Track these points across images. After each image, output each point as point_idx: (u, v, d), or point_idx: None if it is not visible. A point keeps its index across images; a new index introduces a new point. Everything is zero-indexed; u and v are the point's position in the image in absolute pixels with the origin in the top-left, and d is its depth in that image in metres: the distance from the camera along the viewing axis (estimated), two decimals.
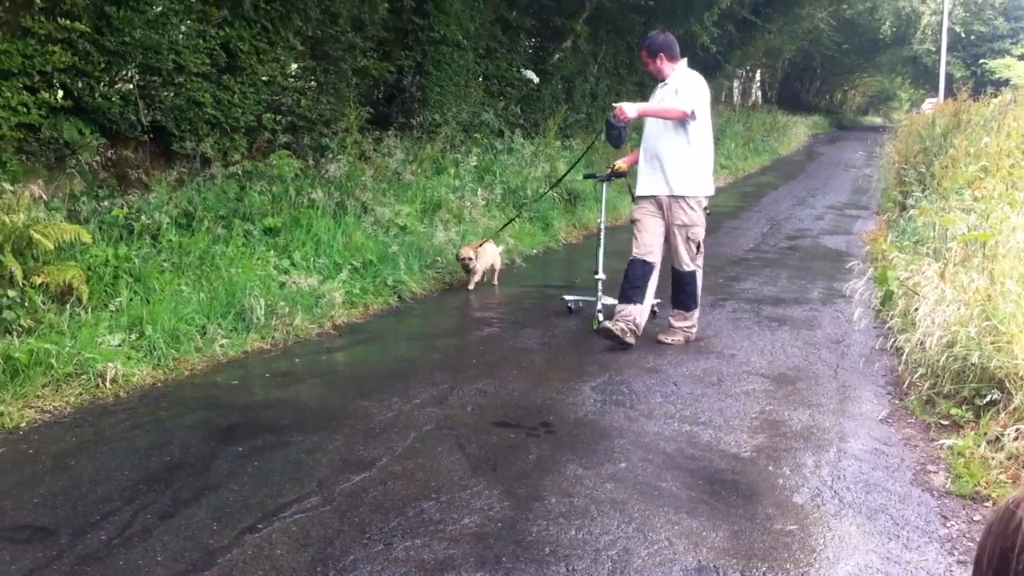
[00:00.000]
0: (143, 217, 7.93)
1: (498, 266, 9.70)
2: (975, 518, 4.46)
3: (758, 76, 43.84)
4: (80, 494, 4.51)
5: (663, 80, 7.38)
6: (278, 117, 10.44)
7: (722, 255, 11.79)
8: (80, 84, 8.40)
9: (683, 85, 7.20)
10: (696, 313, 7.57)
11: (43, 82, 7.94)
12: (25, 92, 7.66)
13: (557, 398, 6.08)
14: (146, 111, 9.04)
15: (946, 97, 25.53)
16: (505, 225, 10.64)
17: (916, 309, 6.79)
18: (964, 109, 14.94)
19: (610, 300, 7.80)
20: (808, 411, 5.89)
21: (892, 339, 7.28)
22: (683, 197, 7.22)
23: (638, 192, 7.45)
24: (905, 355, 6.51)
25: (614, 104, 7.18)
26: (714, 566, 3.93)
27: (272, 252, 8.54)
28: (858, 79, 59.91)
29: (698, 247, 7.37)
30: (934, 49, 46.86)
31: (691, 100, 7.07)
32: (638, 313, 7.27)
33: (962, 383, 5.79)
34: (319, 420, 5.61)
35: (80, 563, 3.86)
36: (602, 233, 8.18)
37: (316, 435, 5.34)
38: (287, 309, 7.51)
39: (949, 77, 38.72)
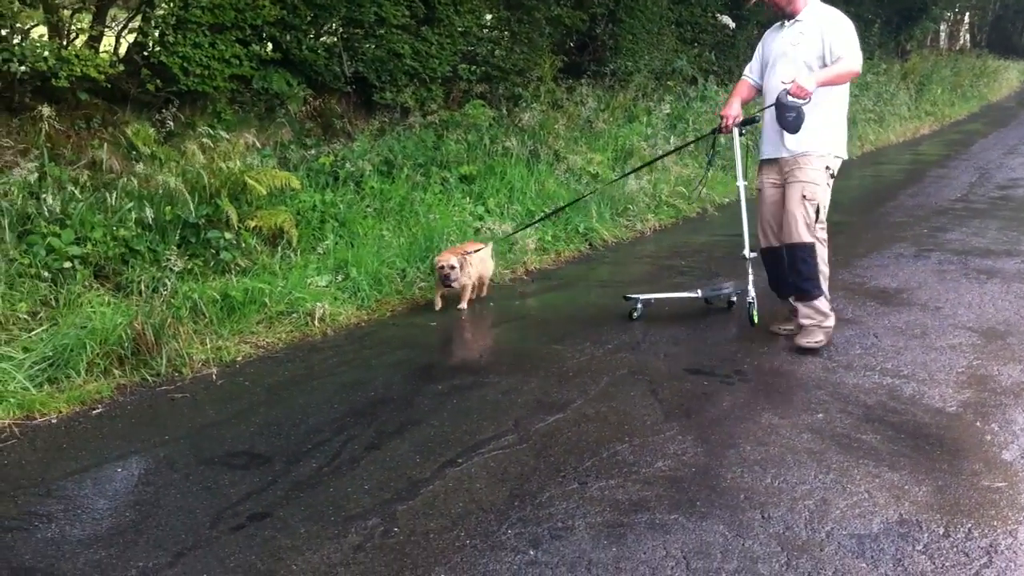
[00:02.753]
0: (347, 165, 8.25)
1: (488, 278, 7.24)
2: None
3: (967, 19, 41.36)
4: (292, 424, 4.78)
5: (793, 15, 5.92)
6: (473, 67, 10.60)
7: (927, 205, 11.30)
8: (288, 37, 8.76)
9: (833, 30, 5.76)
10: (825, 302, 6.00)
11: (254, 35, 8.35)
12: (238, 45, 8.07)
13: (751, 347, 6.01)
14: (349, 63, 9.35)
15: None
16: (521, 228, 8.36)
17: None
18: None
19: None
20: (1019, 367, 5.62)
21: None
22: (804, 154, 5.86)
23: (764, 154, 6.19)
24: None
25: (783, 82, 5.74)
26: (916, 520, 3.83)
27: (467, 199, 8.74)
28: None
29: (817, 212, 5.88)
30: None
31: (857, 52, 5.74)
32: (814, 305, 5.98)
33: None
34: (513, 362, 5.74)
35: (294, 488, 4.10)
36: (743, 199, 6.47)
37: (511, 376, 5.47)
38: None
39: None
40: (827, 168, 5.88)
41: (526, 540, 3.67)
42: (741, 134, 6.45)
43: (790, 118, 5.69)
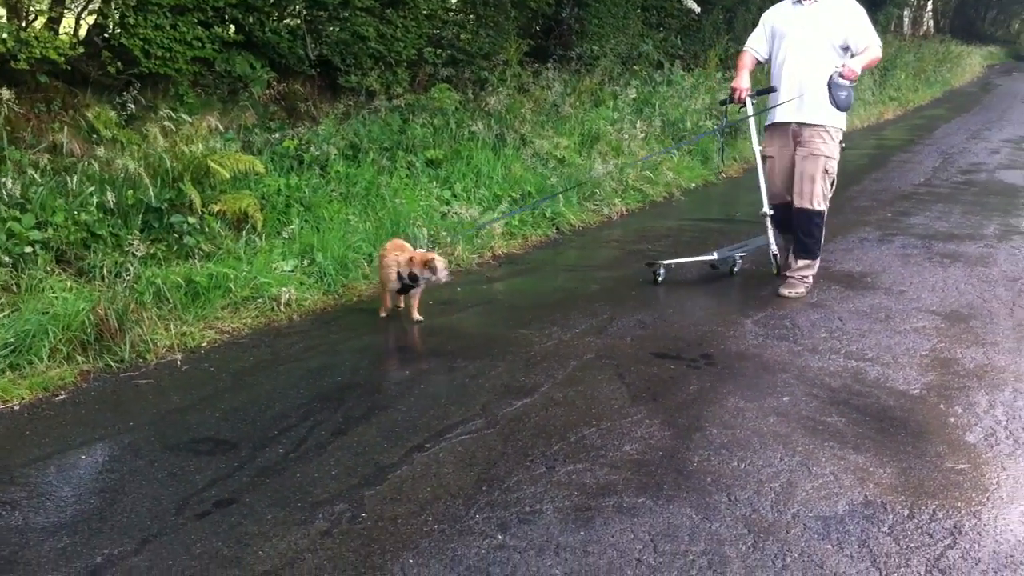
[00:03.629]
0: (312, 149, 8.19)
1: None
2: None
3: (930, 4, 41.69)
4: (258, 410, 4.75)
5: None
6: (439, 51, 10.56)
7: (891, 189, 11.39)
8: (251, 19, 8.68)
9: (853, 20, 6.61)
10: (817, 263, 6.93)
11: (216, 17, 8.24)
12: (200, 27, 7.97)
13: (718, 331, 6.04)
14: (313, 45, 9.27)
15: None
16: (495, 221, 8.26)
17: None
18: None
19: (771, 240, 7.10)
20: (982, 349, 5.69)
21: None
22: (823, 126, 6.60)
23: (774, 119, 6.84)
24: None
25: (837, 67, 6.46)
26: (881, 502, 3.87)
27: (434, 183, 8.70)
28: None
29: (832, 183, 6.77)
30: None
31: (878, 40, 6.69)
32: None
33: None
34: (481, 347, 5.73)
35: (259, 474, 4.08)
36: (759, 163, 7.12)
37: (479, 361, 5.46)
38: (449, 239, 7.66)
39: None
40: (841, 143, 6.76)
41: (494, 524, 3.68)
42: (754, 103, 7.09)
43: (842, 96, 6.46)
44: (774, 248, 6.97)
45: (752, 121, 7.16)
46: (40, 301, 5.42)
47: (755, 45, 7.05)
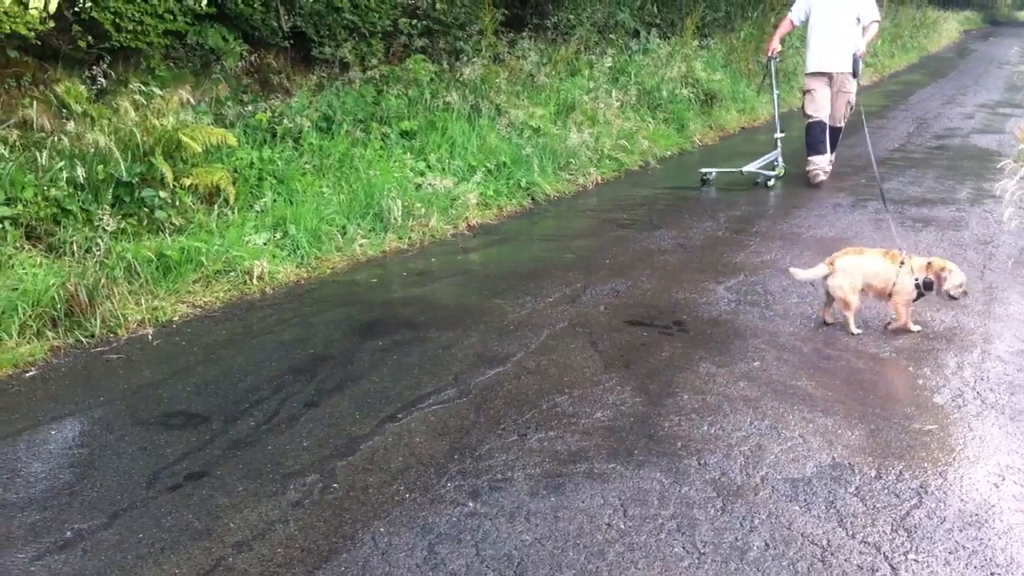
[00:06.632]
0: (285, 121, 8.13)
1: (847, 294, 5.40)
2: None
3: None
4: (230, 383, 4.75)
5: None
6: (414, 21, 10.47)
7: (865, 155, 11.31)
8: None
9: None
10: (834, 155, 10.04)
11: None
12: None
13: (690, 298, 6.06)
14: (287, 17, 9.20)
15: None
16: None
17: None
18: None
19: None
20: (952, 312, 5.73)
21: None
22: (848, 72, 9.32)
23: (821, 68, 9.47)
24: None
25: (857, 47, 9.20)
26: (849, 463, 3.91)
27: (408, 155, 8.65)
28: None
29: (851, 109, 9.71)
30: None
31: (879, 13, 9.45)
32: (827, 161, 9.67)
33: None
34: (455, 317, 5.73)
35: (231, 447, 4.08)
36: (776, 105, 10.50)
37: (452, 331, 5.47)
38: (423, 210, 7.65)
39: None
40: (858, 82, 9.63)
41: (465, 492, 3.70)
42: (776, 62, 10.32)
43: (859, 69, 9.34)
44: (781, 162, 10.19)
45: (773, 73, 10.36)
46: (9, 277, 5.39)
47: (794, 14, 9.87)
